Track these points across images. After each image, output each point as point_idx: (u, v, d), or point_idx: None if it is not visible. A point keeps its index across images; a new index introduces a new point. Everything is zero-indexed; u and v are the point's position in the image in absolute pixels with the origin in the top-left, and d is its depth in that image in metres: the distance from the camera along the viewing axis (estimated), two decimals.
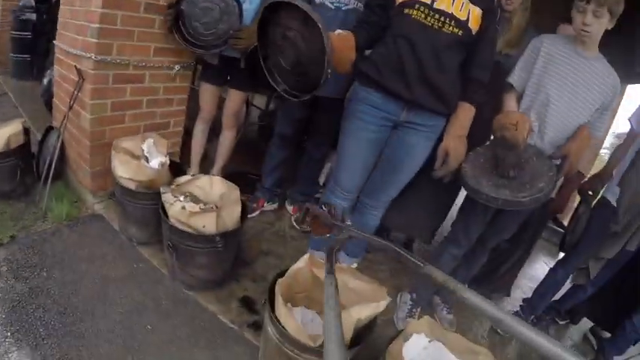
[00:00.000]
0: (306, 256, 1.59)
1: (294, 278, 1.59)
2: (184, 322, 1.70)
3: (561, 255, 2.44)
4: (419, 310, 2.09)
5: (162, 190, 1.83)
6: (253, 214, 2.61)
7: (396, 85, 1.63)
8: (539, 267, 3.38)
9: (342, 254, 2.16)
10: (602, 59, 1.71)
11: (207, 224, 1.73)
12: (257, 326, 1.77)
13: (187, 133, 2.67)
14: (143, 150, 2.16)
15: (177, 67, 2.38)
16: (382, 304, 1.39)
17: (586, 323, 2.59)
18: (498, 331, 2.28)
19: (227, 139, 2.61)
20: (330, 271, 0.90)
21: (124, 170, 1.98)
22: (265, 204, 2.71)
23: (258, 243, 2.37)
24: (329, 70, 1.47)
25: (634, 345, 2.15)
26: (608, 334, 2.39)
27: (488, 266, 2.17)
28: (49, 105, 2.90)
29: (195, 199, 1.90)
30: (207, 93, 2.48)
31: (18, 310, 1.58)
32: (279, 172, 2.67)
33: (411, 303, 2.07)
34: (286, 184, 2.82)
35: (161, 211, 1.81)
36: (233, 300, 1.88)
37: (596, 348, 2.38)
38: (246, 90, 2.55)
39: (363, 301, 1.45)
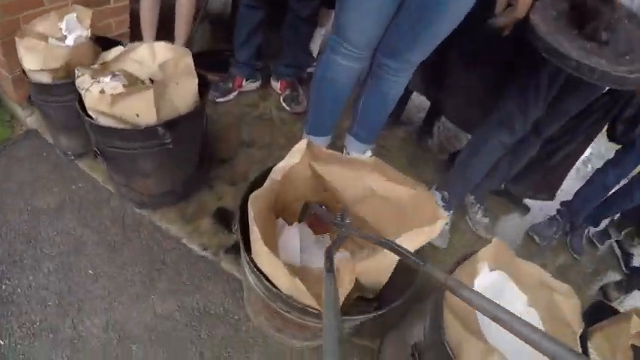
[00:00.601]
0: (301, 144, 0.94)
1: (286, 181, 0.97)
2: (138, 258, 1.15)
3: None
4: (451, 213, 1.56)
5: (77, 72, 1.10)
6: (229, 97, 1.89)
7: None
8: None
9: (351, 140, 1.55)
10: None
11: (141, 110, 1.05)
12: (238, 250, 1.22)
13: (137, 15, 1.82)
14: (62, 29, 1.34)
15: None
16: (438, 226, 0.80)
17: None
18: (535, 239, 1.81)
19: (186, 5, 1.78)
20: (330, 270, 0.67)
21: (31, 60, 1.21)
22: (244, 82, 1.96)
23: (238, 132, 1.72)
24: None
25: None
26: (634, 250, 1.96)
27: (534, 158, 1.59)
28: None
29: (131, 79, 1.19)
30: None
31: None
32: (255, 39, 1.86)
33: (443, 204, 1.52)
34: (269, 55, 2.03)
35: (78, 105, 1.10)
36: (204, 215, 1.31)
37: (622, 264, 1.98)
38: None
39: (407, 218, 0.88)
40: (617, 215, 1.99)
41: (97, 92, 1.04)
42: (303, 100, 1.96)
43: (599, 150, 2.57)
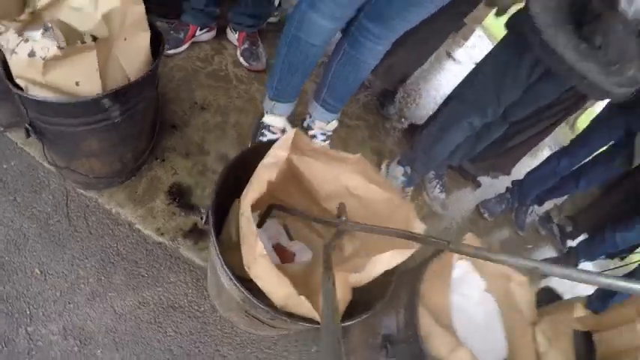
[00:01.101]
0: (289, 136, 0.84)
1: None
2: (88, 250, 1.04)
3: None
4: (411, 190, 1.59)
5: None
6: (180, 49, 1.68)
7: None
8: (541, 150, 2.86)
9: (316, 107, 1.48)
10: None
11: (83, 78, 0.89)
12: (199, 233, 1.17)
13: None
14: None
15: None
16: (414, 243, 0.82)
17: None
18: (484, 214, 1.95)
19: None
20: (329, 267, 0.70)
21: None
22: (197, 32, 1.74)
23: (190, 92, 1.56)
24: None
25: (605, 257, 2.01)
26: (570, 228, 2.21)
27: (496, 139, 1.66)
28: None
29: (68, 33, 0.99)
30: None
31: None
32: None
33: (403, 179, 1.55)
34: (226, 1, 1.79)
35: (2, 70, 0.89)
36: (157, 194, 1.20)
37: (560, 243, 2.23)
38: None
39: (380, 223, 0.88)
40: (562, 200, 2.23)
41: (26, 56, 0.86)
42: (263, 55, 1.81)
43: (556, 137, 2.74)
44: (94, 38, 0.93)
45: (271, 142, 0.84)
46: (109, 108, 0.94)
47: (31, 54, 0.85)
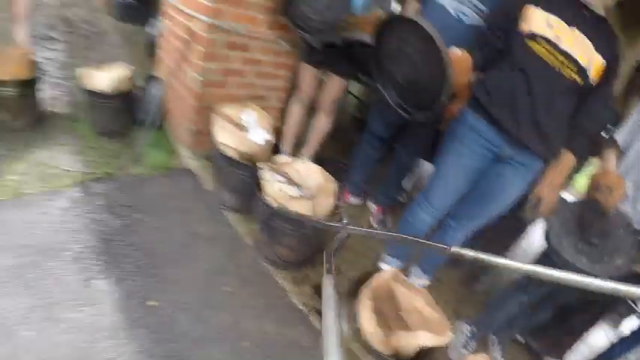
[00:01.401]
0: (391, 270, 1.72)
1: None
2: (260, 293, 1.89)
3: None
4: (474, 344, 2.14)
5: (260, 165, 1.97)
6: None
7: (505, 118, 1.64)
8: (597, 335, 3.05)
9: (416, 269, 2.25)
10: None
11: (303, 209, 1.85)
12: None
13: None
14: (241, 119, 2.26)
15: (282, 42, 2.44)
16: (445, 339, 1.49)
17: None
18: None
19: (323, 124, 2.61)
20: (330, 271, 0.89)
21: (227, 138, 2.10)
22: (349, 197, 2.83)
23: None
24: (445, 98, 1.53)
25: None
26: None
27: (549, 323, 2.13)
28: (149, 53, 3.04)
29: (291, 182, 2.05)
30: (307, 74, 2.44)
31: (109, 243, 1.76)
32: (368, 171, 2.75)
33: (468, 335, 2.12)
34: (372, 180, 2.85)
35: (255, 185, 1.94)
36: (306, 284, 2.05)
37: None
38: (348, 78, 2.50)
39: (427, 326, 1.57)
40: None
41: (277, 189, 1.89)
42: (390, 224, 2.75)
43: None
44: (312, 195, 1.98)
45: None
46: (308, 228, 1.92)
47: (283, 190, 1.91)
